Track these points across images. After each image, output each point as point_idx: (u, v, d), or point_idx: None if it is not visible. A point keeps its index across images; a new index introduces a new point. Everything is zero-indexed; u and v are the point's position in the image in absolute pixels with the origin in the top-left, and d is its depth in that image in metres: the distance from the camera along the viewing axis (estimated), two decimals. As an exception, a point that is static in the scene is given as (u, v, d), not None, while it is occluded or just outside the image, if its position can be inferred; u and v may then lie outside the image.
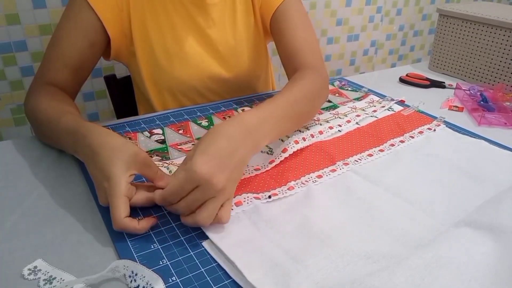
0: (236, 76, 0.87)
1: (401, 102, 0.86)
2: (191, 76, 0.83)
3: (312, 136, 0.69)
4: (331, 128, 0.73)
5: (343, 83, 0.98)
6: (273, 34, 0.83)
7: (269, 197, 0.54)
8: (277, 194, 0.55)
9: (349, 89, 0.94)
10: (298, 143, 0.65)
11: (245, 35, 0.85)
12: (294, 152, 0.64)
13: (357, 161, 0.63)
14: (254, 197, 0.53)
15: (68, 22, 0.71)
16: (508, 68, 0.94)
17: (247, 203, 0.52)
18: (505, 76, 0.95)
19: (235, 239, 0.47)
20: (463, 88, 0.91)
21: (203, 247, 0.46)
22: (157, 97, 0.85)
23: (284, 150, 0.63)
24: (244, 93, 0.90)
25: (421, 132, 0.73)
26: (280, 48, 0.81)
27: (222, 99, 0.87)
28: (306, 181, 0.58)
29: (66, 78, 0.72)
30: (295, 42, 0.78)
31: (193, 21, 0.80)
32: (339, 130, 0.73)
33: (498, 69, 0.96)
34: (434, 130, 0.75)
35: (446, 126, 0.77)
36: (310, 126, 0.75)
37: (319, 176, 0.59)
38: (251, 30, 0.85)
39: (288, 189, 0.56)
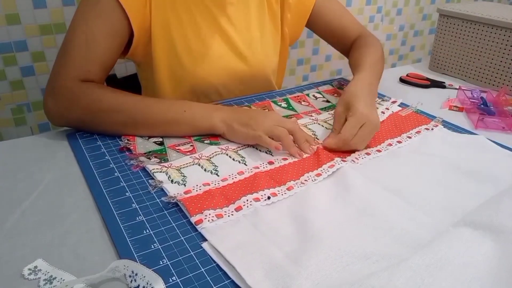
0: (251, 75, 0.89)
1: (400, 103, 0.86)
2: (214, 75, 0.84)
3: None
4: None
5: (342, 83, 0.98)
6: (313, 25, 0.96)
7: (268, 198, 0.54)
8: (276, 195, 0.55)
9: (349, 89, 0.94)
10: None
11: (259, 34, 0.88)
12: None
13: (354, 161, 0.63)
14: (253, 199, 0.53)
15: (98, 20, 0.69)
16: (509, 68, 0.94)
17: (247, 206, 0.52)
18: (505, 76, 0.95)
19: (234, 241, 0.46)
20: (465, 91, 0.90)
21: (203, 248, 0.46)
22: (175, 97, 0.85)
23: (285, 158, 0.64)
24: (257, 91, 0.91)
25: (418, 132, 0.73)
26: (327, 32, 0.97)
27: (234, 97, 0.88)
28: (305, 180, 0.58)
29: (100, 77, 0.72)
30: (340, 21, 0.95)
31: (215, 20, 0.81)
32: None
33: (498, 69, 0.96)
34: (432, 129, 0.75)
35: (444, 126, 0.76)
36: (308, 124, 0.75)
37: (318, 174, 0.59)
38: (266, 29, 0.88)
39: (287, 189, 0.56)
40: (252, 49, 0.87)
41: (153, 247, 0.46)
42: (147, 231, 0.48)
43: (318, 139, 0.70)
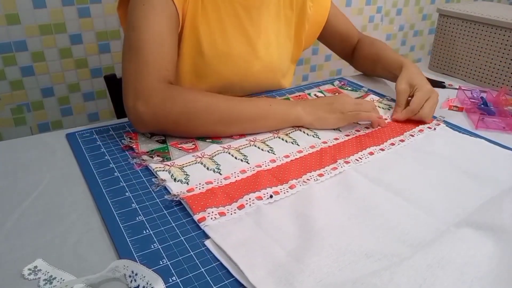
0: (266, 77, 0.90)
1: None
2: (234, 74, 0.85)
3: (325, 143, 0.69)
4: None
5: (342, 83, 0.98)
6: (322, 33, 0.99)
7: (271, 196, 0.54)
8: (279, 193, 0.55)
9: (349, 88, 0.94)
10: (302, 152, 0.66)
11: (275, 38, 0.90)
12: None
13: (358, 160, 0.63)
14: (256, 198, 0.53)
15: (159, 18, 0.69)
16: (508, 68, 0.94)
17: (249, 205, 0.52)
18: (505, 76, 0.95)
19: (237, 239, 0.47)
20: (465, 91, 0.90)
21: (206, 245, 0.46)
22: None
23: (287, 156, 0.64)
24: (265, 90, 0.93)
25: (421, 131, 0.74)
26: (335, 39, 1.02)
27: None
28: (307, 179, 0.58)
29: (174, 76, 0.72)
30: (345, 28, 1.02)
31: (240, 22, 0.82)
32: (339, 130, 0.73)
33: (498, 69, 0.96)
34: (434, 129, 0.75)
35: (446, 125, 0.77)
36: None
37: (321, 175, 0.59)
38: (280, 34, 0.91)
39: (289, 187, 0.56)
40: (269, 52, 0.88)
41: (153, 247, 0.46)
42: (147, 231, 0.48)
43: (319, 138, 0.70)
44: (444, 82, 1.00)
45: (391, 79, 0.94)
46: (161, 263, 0.44)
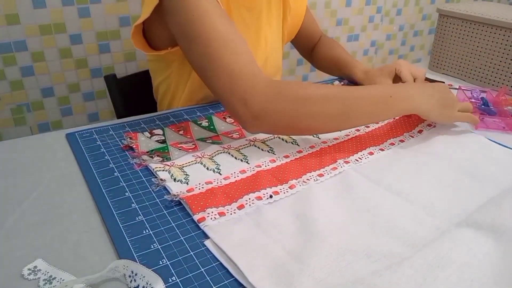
0: (267, 72, 0.91)
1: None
2: None
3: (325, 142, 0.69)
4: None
5: (342, 82, 0.98)
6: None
7: (271, 196, 0.54)
8: (279, 193, 0.55)
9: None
10: (302, 152, 0.66)
11: (272, 35, 0.91)
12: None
13: (357, 160, 0.63)
14: (256, 198, 0.53)
15: (222, 19, 0.64)
16: (508, 68, 0.94)
17: (249, 205, 0.52)
18: (505, 76, 0.95)
19: (236, 239, 0.47)
20: (465, 91, 0.90)
21: (205, 245, 0.46)
22: (201, 94, 0.85)
23: (286, 156, 0.64)
24: None
25: (420, 131, 0.73)
26: (305, 35, 1.04)
27: None
28: (307, 179, 0.58)
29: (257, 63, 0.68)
30: (312, 25, 1.05)
31: (245, 23, 0.83)
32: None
33: (498, 69, 0.96)
34: (434, 126, 0.75)
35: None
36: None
37: (321, 175, 0.59)
38: (273, 30, 0.91)
39: (289, 187, 0.56)
40: (267, 49, 0.89)
41: (152, 247, 0.46)
42: (147, 231, 0.48)
43: (319, 138, 0.70)
44: (443, 82, 0.99)
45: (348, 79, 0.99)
46: (161, 263, 0.44)
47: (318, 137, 0.71)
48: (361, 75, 0.91)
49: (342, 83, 0.98)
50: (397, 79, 0.88)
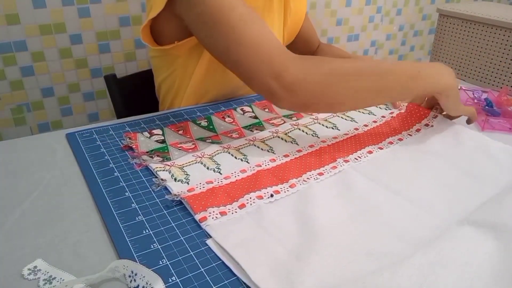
0: None
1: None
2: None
3: (324, 141, 0.69)
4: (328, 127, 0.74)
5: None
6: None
7: (271, 195, 0.54)
8: (279, 192, 0.55)
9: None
10: (301, 151, 0.66)
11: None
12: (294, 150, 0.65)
13: (357, 159, 0.63)
14: (256, 197, 0.53)
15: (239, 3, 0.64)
16: (508, 68, 0.94)
17: (250, 204, 0.52)
18: (505, 76, 0.95)
19: (238, 238, 0.47)
20: (467, 91, 0.90)
21: (205, 245, 0.46)
22: (204, 91, 0.85)
23: (286, 155, 0.64)
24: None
25: (418, 130, 0.73)
26: (300, 39, 1.02)
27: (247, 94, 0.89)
28: (307, 178, 0.58)
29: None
30: (310, 31, 1.04)
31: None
32: (338, 129, 0.74)
33: (498, 69, 0.96)
34: (432, 125, 0.74)
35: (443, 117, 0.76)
36: (309, 125, 0.75)
37: (320, 174, 0.59)
38: (277, 29, 0.91)
39: (290, 186, 0.56)
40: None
41: (152, 247, 0.46)
42: (147, 231, 0.48)
43: (318, 137, 0.70)
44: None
45: None
46: (161, 263, 0.44)
47: (317, 136, 0.71)
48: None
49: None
50: None
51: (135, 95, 1.03)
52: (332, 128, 0.74)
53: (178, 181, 0.57)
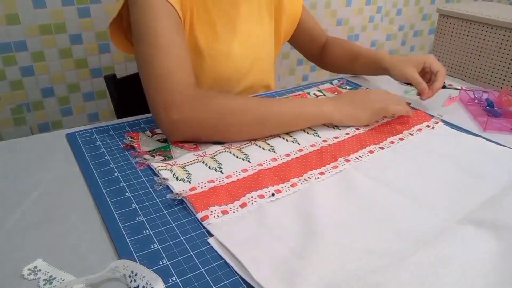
0: (261, 69, 0.91)
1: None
2: (229, 72, 0.84)
3: (325, 141, 0.69)
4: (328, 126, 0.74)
5: (341, 82, 0.98)
6: (296, 30, 1.00)
7: (273, 194, 0.54)
8: (281, 191, 0.55)
9: (348, 87, 0.94)
10: (302, 150, 0.66)
11: (263, 32, 0.90)
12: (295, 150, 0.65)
13: (358, 158, 0.64)
14: (258, 196, 0.53)
15: (164, 23, 0.66)
16: (509, 68, 0.94)
17: (252, 203, 0.52)
18: (505, 76, 0.95)
19: (240, 237, 0.47)
20: (468, 92, 0.90)
21: (206, 245, 0.46)
22: None
23: (287, 155, 0.64)
24: (258, 88, 0.93)
25: (420, 130, 0.74)
26: (307, 38, 1.03)
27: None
28: (309, 177, 0.58)
29: (194, 77, 0.69)
30: (313, 27, 1.03)
31: (229, 18, 0.82)
32: (339, 129, 0.74)
33: (498, 69, 0.96)
34: (433, 127, 0.75)
35: (444, 124, 0.76)
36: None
37: (322, 173, 0.59)
38: (265, 27, 0.90)
39: (291, 185, 0.56)
40: (257, 49, 0.88)
41: (152, 247, 0.46)
42: (147, 231, 0.48)
43: (320, 137, 0.70)
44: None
45: (370, 73, 0.98)
46: (161, 263, 0.44)
47: (318, 136, 0.71)
48: (388, 63, 0.89)
49: (341, 82, 0.98)
50: (421, 72, 0.87)
51: (135, 95, 1.02)
52: (334, 128, 0.74)
53: (180, 180, 0.57)
